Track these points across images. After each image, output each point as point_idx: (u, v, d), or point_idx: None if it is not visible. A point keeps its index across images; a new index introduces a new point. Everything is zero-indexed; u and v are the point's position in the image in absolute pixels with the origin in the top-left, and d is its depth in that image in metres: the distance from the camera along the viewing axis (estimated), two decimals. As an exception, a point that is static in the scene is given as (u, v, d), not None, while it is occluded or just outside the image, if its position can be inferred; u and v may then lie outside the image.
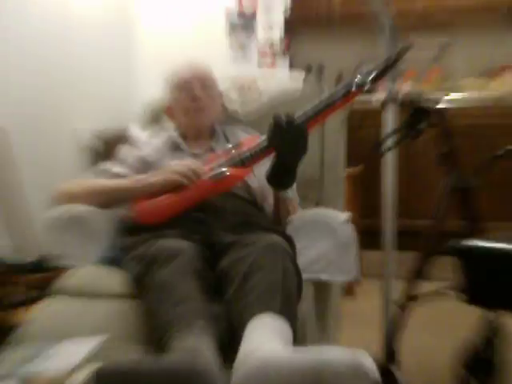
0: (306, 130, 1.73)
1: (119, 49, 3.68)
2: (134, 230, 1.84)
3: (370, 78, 1.71)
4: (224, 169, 1.82)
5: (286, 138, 1.71)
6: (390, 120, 2.30)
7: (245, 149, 1.85)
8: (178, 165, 1.87)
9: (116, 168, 2.04)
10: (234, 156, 1.85)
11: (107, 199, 1.92)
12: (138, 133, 2.36)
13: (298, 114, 1.75)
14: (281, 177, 1.81)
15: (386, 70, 1.73)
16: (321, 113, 1.74)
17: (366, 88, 1.72)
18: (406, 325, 2.06)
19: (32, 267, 2.56)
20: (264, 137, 1.80)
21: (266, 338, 1.34)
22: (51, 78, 3.08)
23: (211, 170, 1.85)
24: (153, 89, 2.31)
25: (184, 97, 2.08)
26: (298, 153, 1.74)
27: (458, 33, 4.44)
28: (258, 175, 1.98)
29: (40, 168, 2.97)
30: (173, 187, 1.85)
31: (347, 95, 1.74)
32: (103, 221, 1.94)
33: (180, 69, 2.14)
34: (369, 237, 3.23)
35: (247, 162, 1.84)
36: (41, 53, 3.02)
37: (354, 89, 1.72)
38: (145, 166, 2.04)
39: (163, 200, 1.84)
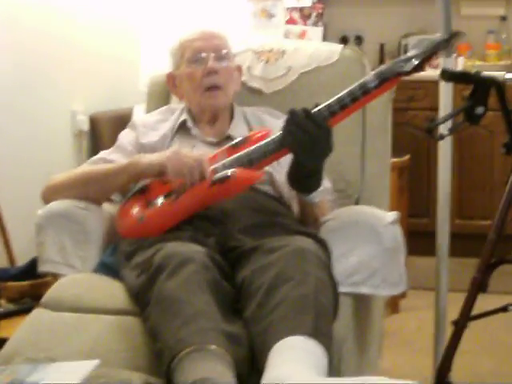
0: (329, 128, 1.70)
1: (121, 21, 3.68)
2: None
3: (413, 65, 1.68)
4: (229, 170, 1.77)
5: (302, 139, 1.68)
6: (445, 100, 2.27)
7: (255, 146, 1.82)
8: (187, 156, 1.81)
9: (113, 156, 2.04)
10: (240, 155, 1.82)
11: (98, 187, 1.93)
12: (143, 116, 2.34)
13: (321, 107, 1.71)
14: (302, 180, 1.79)
15: (433, 55, 1.71)
16: (347, 107, 1.72)
17: (406, 75, 1.69)
18: (462, 347, 2.02)
19: (22, 273, 2.61)
20: (278, 133, 1.77)
21: (294, 365, 1.32)
22: (45, 54, 3.09)
23: (214, 172, 1.80)
24: (160, 64, 2.29)
25: (196, 70, 2.06)
26: (318, 155, 1.72)
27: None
28: (285, 167, 1.93)
29: (33, 155, 3.00)
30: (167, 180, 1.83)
31: (382, 85, 1.71)
32: (100, 219, 1.95)
33: (190, 35, 2.12)
34: (417, 240, 3.17)
35: (256, 162, 1.80)
36: (33, 25, 3.03)
37: (391, 76, 1.69)
38: (147, 154, 2.01)
39: (151, 214, 1.82)
